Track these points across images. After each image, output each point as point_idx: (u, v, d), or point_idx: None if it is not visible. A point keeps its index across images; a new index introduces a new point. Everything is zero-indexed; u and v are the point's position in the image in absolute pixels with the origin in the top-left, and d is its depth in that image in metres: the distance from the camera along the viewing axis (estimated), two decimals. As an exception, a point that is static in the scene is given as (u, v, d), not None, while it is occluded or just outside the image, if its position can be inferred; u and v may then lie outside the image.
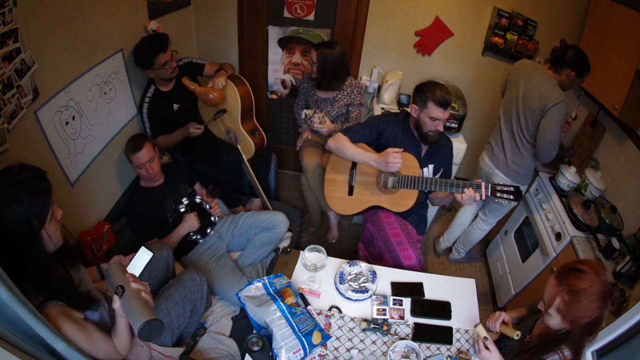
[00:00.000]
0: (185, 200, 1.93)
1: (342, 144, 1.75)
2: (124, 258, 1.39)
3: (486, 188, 1.58)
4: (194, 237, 1.90)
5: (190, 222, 1.86)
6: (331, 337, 1.34)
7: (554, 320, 1.09)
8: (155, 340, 1.13)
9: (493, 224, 2.35)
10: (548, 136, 1.83)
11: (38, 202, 0.99)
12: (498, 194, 1.57)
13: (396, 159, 1.62)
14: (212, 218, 2.00)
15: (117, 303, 1.08)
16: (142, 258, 1.27)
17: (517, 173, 2.05)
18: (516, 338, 1.21)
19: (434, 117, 1.64)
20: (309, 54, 2.75)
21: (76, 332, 1.02)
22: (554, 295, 1.06)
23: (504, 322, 1.29)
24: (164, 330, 1.08)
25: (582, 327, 1.05)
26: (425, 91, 1.64)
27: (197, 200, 1.99)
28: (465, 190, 1.59)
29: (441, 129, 1.68)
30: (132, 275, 1.14)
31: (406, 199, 1.79)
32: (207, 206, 2.01)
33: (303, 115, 2.25)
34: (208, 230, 1.96)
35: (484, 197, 1.58)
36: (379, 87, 2.69)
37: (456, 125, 2.41)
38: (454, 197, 1.70)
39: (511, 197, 1.56)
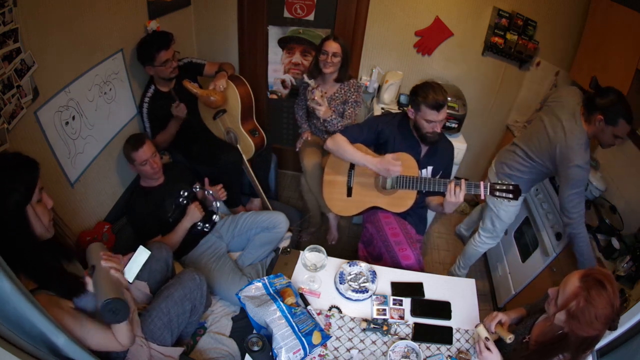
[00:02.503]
0: (184, 193, 1.92)
1: (340, 144, 1.74)
2: (122, 257, 1.39)
3: (485, 187, 1.58)
4: (200, 226, 1.91)
5: (193, 213, 1.86)
6: (331, 337, 1.34)
7: (561, 316, 1.09)
8: (119, 322, 1.06)
9: (488, 243, 2.27)
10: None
11: (21, 186, 0.99)
12: (497, 193, 1.57)
13: (396, 166, 1.63)
14: (215, 203, 2.00)
15: (90, 285, 1.04)
16: (140, 257, 1.27)
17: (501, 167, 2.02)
18: (509, 342, 1.21)
19: (428, 119, 1.64)
20: (311, 52, 2.74)
21: (66, 320, 1.01)
22: (575, 294, 1.05)
23: (500, 323, 1.29)
24: (129, 313, 1.03)
25: (580, 339, 1.05)
26: (418, 94, 1.64)
27: (196, 189, 1.98)
28: (451, 185, 1.56)
29: (438, 130, 1.68)
30: (106, 253, 1.10)
31: (405, 199, 1.79)
32: (210, 193, 1.99)
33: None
34: (214, 217, 1.97)
35: (482, 196, 1.58)
36: (379, 87, 2.69)
37: (456, 125, 2.41)
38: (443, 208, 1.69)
39: (510, 195, 1.56)
